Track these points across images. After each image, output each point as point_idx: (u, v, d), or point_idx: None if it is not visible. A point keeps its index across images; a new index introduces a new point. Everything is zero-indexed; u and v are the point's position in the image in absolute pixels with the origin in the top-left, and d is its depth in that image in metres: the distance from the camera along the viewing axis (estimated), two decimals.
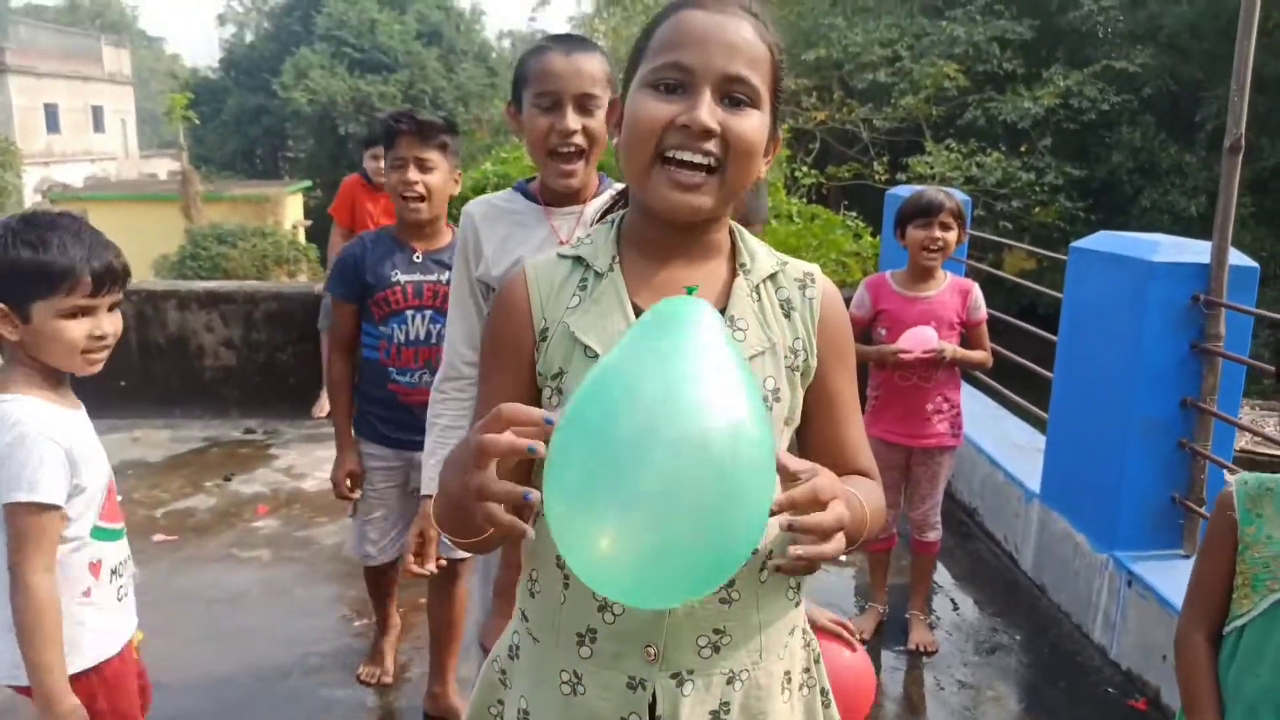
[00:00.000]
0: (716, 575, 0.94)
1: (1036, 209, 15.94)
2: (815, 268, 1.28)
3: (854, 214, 9.90)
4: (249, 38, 34.70)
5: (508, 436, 0.95)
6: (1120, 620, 3.20)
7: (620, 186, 1.99)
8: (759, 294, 1.22)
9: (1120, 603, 3.20)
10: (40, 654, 1.63)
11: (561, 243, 1.91)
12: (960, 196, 5.42)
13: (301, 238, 19.43)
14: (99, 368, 1.75)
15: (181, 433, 5.23)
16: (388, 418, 2.64)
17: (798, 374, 1.22)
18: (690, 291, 0.97)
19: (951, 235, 3.12)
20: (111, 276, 1.70)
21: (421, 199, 2.54)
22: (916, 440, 3.20)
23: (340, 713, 2.86)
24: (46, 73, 31.14)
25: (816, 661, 1.32)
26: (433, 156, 2.53)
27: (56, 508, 1.64)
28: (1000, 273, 7.70)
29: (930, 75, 16.09)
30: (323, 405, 5.16)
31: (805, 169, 12.10)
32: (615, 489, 0.88)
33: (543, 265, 1.24)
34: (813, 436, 1.28)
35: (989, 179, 15.55)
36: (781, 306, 1.23)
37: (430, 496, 2.07)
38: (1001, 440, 4.42)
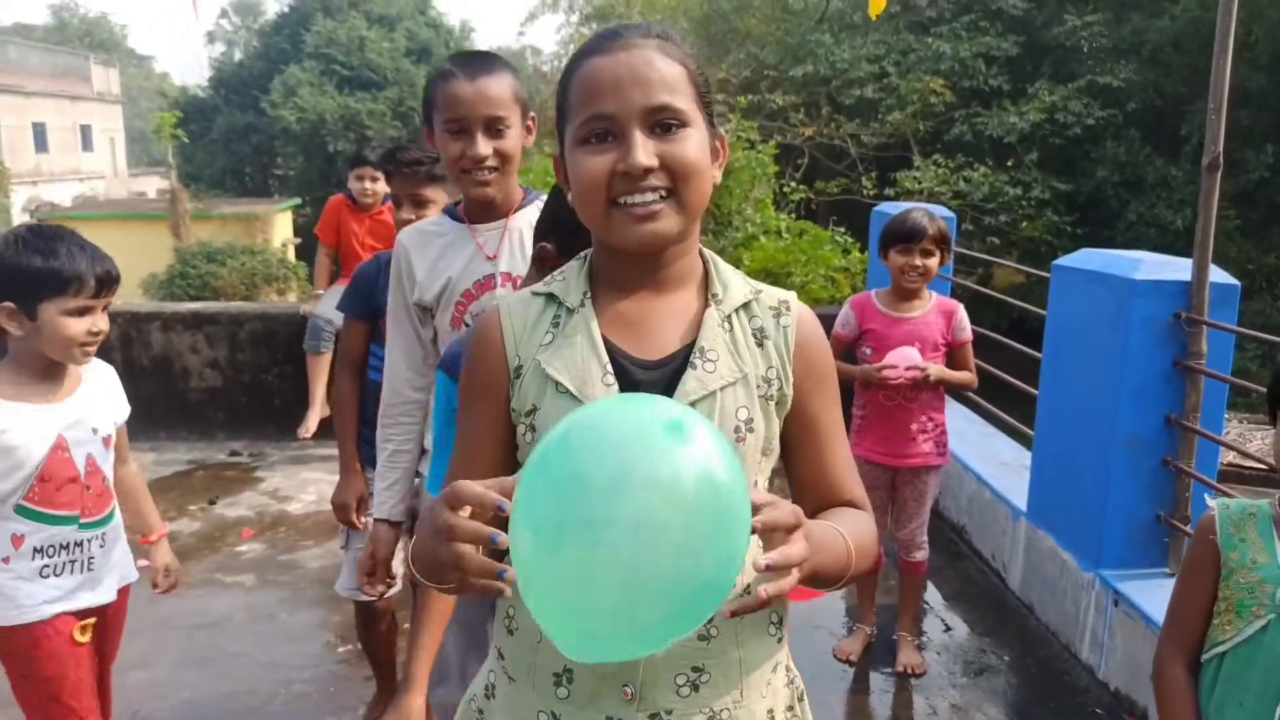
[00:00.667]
0: (689, 621, 0.94)
1: (1024, 223, 16.00)
2: (791, 295, 1.26)
3: (842, 229, 9.93)
4: (238, 56, 34.74)
5: (474, 524, 0.97)
6: (1108, 639, 3.19)
7: (544, 196, 2.06)
8: (730, 324, 1.21)
9: (1107, 622, 3.19)
10: None
11: (488, 258, 2.00)
12: (945, 214, 5.44)
13: (291, 255, 19.36)
14: (90, 359, 2.00)
15: (166, 455, 5.20)
16: None
17: (772, 403, 1.20)
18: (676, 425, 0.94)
19: (934, 261, 3.13)
20: (109, 282, 1.97)
21: None
22: (901, 460, 3.19)
23: None
24: (35, 91, 31.08)
25: (800, 699, 1.30)
26: (425, 192, 2.55)
27: None
28: (986, 289, 7.71)
29: (917, 91, 16.18)
30: (308, 426, 5.13)
31: (793, 184, 12.13)
32: (581, 545, 0.88)
33: (516, 303, 1.24)
34: (797, 467, 1.26)
35: (976, 193, 15.61)
36: (755, 335, 1.22)
37: (381, 521, 2.11)
38: (989, 458, 4.42)
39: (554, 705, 1.16)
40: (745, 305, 1.23)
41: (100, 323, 1.96)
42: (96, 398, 2.06)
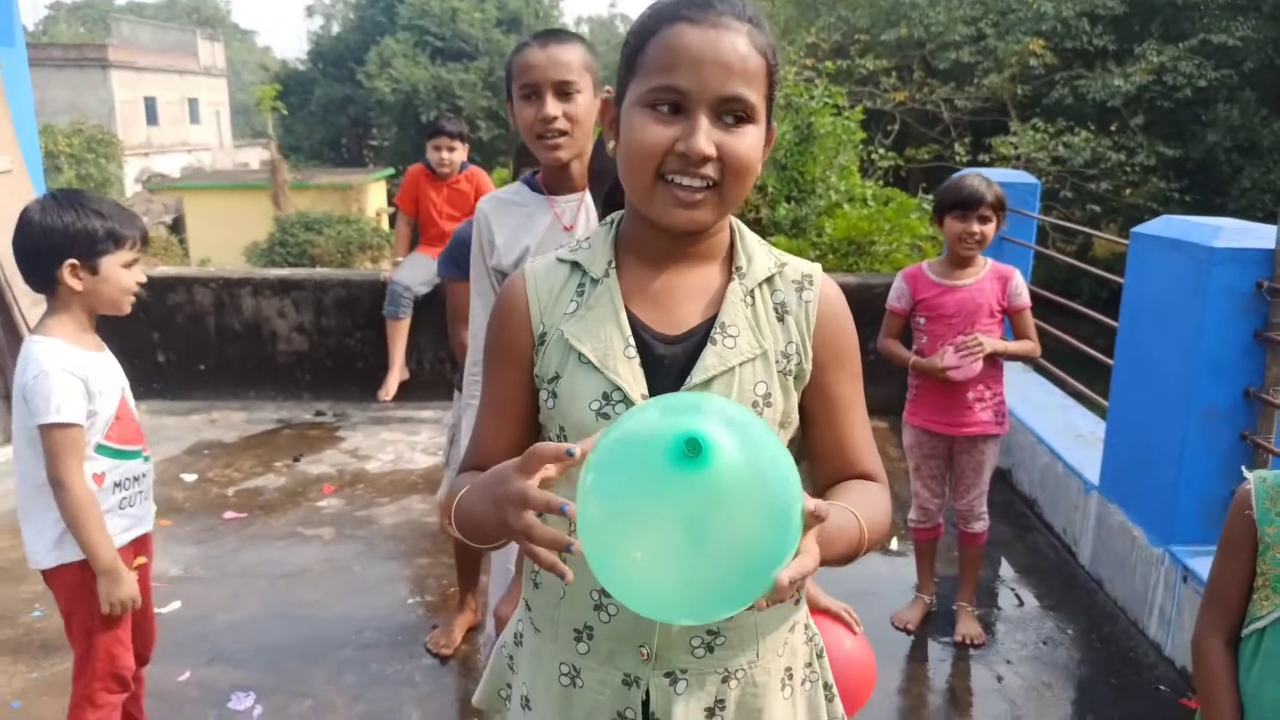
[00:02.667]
0: (736, 604, 0.96)
1: (1127, 190, 15.38)
2: (816, 268, 1.26)
3: (931, 197, 9.69)
4: (335, 29, 35.53)
5: (545, 494, 0.98)
6: (1176, 616, 3.11)
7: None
8: (753, 298, 1.21)
9: (1176, 598, 3.11)
10: (89, 538, 2.04)
11: (566, 229, 2.05)
12: (1026, 180, 5.28)
13: (385, 224, 19.91)
14: (130, 309, 2.18)
15: (256, 414, 5.44)
16: None
17: (790, 378, 1.21)
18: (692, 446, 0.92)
19: (990, 227, 3.07)
20: (146, 238, 2.17)
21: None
22: (958, 429, 3.15)
23: (389, 686, 2.97)
24: (146, 67, 32.47)
25: (820, 656, 1.32)
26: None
27: (79, 425, 2.03)
28: (1072, 260, 7.44)
29: (1015, 53, 15.63)
30: (388, 389, 5.30)
31: (882, 151, 11.89)
32: (646, 523, 0.92)
33: (541, 270, 1.25)
34: (815, 440, 1.27)
35: (1076, 159, 15.04)
36: (776, 310, 1.21)
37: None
38: (1063, 430, 4.32)
39: (575, 659, 1.21)
40: (769, 279, 1.23)
41: (140, 275, 2.16)
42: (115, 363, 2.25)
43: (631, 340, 1.17)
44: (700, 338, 1.18)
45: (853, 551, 1.14)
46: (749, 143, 1.12)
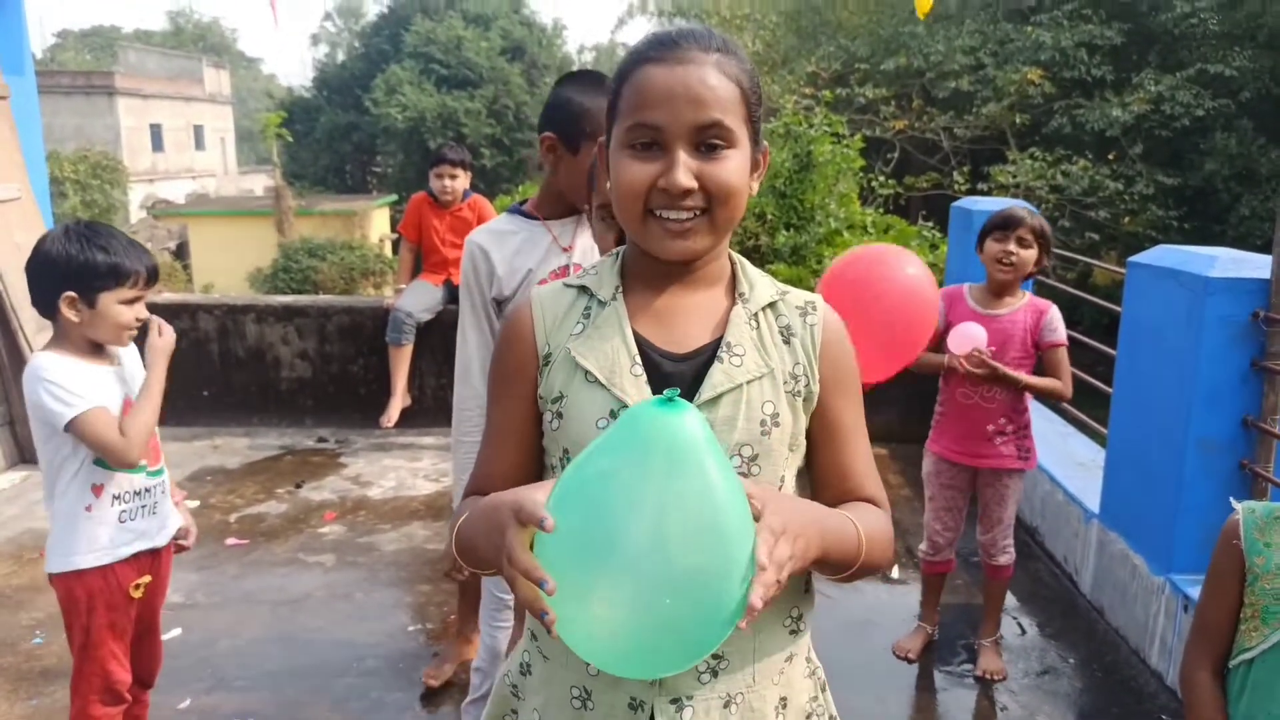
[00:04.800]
0: (697, 653, 1.01)
1: (1126, 218, 15.43)
2: (817, 297, 1.29)
3: (931, 224, 9.74)
4: (340, 57, 35.82)
5: (529, 562, 0.99)
6: (1177, 645, 3.11)
7: None
8: (757, 321, 1.24)
9: (1177, 627, 3.11)
10: (153, 403, 2.18)
11: (564, 249, 2.10)
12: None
13: (388, 251, 20.01)
14: (130, 342, 2.23)
15: (259, 440, 5.46)
16: None
17: (799, 399, 1.23)
18: (671, 396, 0.98)
19: (1029, 253, 3.04)
20: (155, 275, 2.19)
21: None
22: (979, 460, 3.15)
23: (390, 713, 2.96)
24: (152, 94, 32.72)
25: (823, 690, 1.34)
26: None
27: (95, 407, 2.07)
28: (1073, 289, 7.44)
29: (1014, 82, 15.72)
30: (390, 415, 5.31)
31: (882, 179, 11.96)
32: (600, 586, 0.96)
33: (548, 294, 1.29)
34: (818, 464, 1.29)
35: (1075, 188, 15.11)
36: (781, 333, 1.25)
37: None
38: (1064, 458, 4.33)
39: (586, 681, 1.22)
40: (772, 304, 1.26)
41: (142, 311, 2.18)
42: (134, 368, 2.28)
43: (638, 358, 1.20)
44: (707, 356, 1.21)
45: (849, 556, 1.17)
46: (730, 168, 1.16)
